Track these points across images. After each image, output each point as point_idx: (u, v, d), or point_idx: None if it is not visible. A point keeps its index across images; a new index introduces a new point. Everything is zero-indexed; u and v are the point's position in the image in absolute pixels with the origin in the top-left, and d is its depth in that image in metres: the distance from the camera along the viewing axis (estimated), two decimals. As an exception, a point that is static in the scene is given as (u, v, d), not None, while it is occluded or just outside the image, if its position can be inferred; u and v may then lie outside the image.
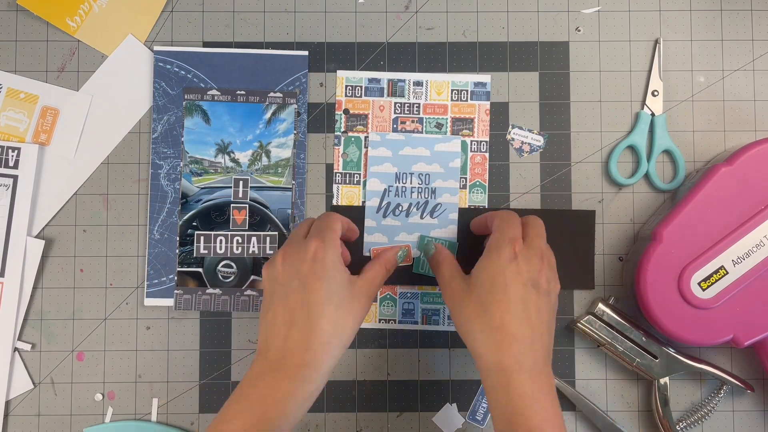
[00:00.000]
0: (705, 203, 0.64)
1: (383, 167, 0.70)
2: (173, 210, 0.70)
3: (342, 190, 0.71)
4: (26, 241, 0.70)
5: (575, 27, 0.72)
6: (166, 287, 0.70)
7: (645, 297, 0.64)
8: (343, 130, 0.71)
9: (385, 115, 0.71)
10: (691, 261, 0.64)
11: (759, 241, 0.64)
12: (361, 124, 0.71)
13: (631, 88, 0.72)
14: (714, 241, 0.64)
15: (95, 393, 0.70)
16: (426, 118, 0.71)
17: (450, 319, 0.70)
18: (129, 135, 0.71)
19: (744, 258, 0.64)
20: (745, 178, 0.64)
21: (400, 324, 0.70)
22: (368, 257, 0.70)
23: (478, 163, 0.71)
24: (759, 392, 0.70)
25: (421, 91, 0.71)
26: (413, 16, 0.72)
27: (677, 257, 0.64)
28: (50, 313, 0.70)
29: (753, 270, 0.64)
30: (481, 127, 0.71)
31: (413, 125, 0.71)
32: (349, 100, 0.71)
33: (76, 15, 0.71)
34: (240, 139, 0.71)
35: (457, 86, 0.71)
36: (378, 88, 0.71)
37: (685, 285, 0.64)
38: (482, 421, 0.69)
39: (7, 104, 0.71)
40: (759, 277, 0.64)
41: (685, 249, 0.64)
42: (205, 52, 0.71)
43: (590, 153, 0.71)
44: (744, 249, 0.64)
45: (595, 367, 0.70)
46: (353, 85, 0.71)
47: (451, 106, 0.71)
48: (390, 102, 0.71)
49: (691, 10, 0.72)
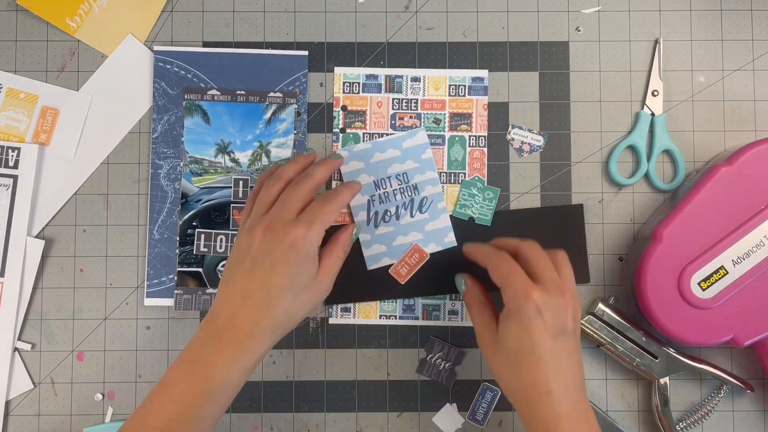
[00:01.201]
0: (705, 203, 0.64)
1: (360, 179, 0.70)
2: (173, 210, 0.70)
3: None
4: (26, 241, 0.70)
5: (575, 27, 0.72)
6: (166, 287, 0.70)
7: (645, 297, 0.64)
8: (342, 127, 0.71)
9: (383, 111, 0.71)
10: (691, 261, 0.64)
11: (759, 241, 0.64)
12: (359, 120, 0.71)
13: (631, 88, 0.71)
14: (714, 241, 0.64)
15: (95, 393, 0.70)
16: (424, 113, 0.71)
17: (450, 314, 0.70)
18: (129, 135, 0.71)
19: (744, 258, 0.64)
20: (745, 177, 0.64)
21: (401, 320, 0.70)
22: (367, 274, 0.69)
23: (476, 158, 0.71)
24: (759, 392, 0.70)
25: (418, 86, 0.71)
26: (413, 16, 0.72)
27: (677, 257, 0.64)
28: (50, 313, 0.70)
29: (753, 270, 0.64)
30: (479, 122, 0.71)
31: (411, 121, 0.71)
32: (347, 96, 0.71)
33: (76, 15, 0.71)
34: (240, 139, 0.71)
35: (455, 81, 0.71)
36: (376, 84, 0.71)
37: (685, 285, 0.64)
38: (482, 421, 0.69)
39: (7, 104, 0.71)
40: (759, 277, 0.64)
41: (685, 249, 0.64)
42: (204, 52, 0.71)
43: (590, 153, 0.71)
44: (744, 249, 0.64)
45: (595, 367, 0.70)
46: (351, 81, 0.71)
47: (449, 101, 0.71)
48: (388, 98, 0.71)
49: (691, 10, 0.72)
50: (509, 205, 0.71)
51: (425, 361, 0.70)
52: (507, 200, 0.71)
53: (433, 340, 0.70)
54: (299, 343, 0.70)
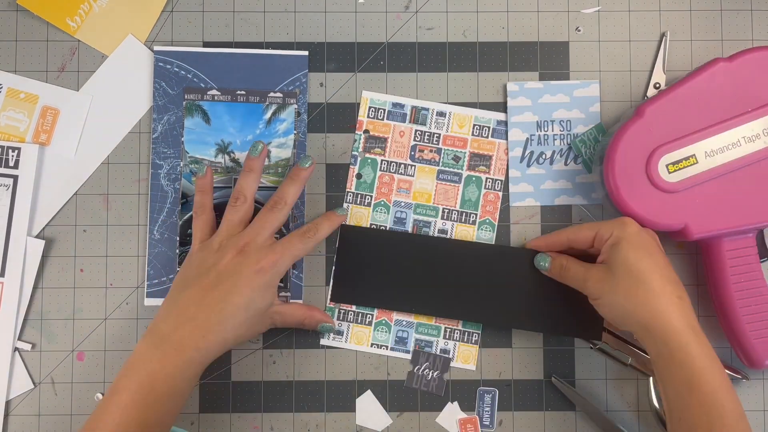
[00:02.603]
0: (694, 91, 0.65)
1: (524, 116, 0.70)
2: (173, 210, 0.70)
3: (352, 210, 0.70)
4: (26, 241, 0.70)
5: (575, 27, 0.72)
6: (166, 287, 0.70)
7: (612, 166, 0.64)
8: (361, 150, 0.71)
9: (404, 141, 0.71)
10: (665, 143, 0.64)
11: (736, 140, 0.64)
12: (380, 146, 0.71)
13: (631, 88, 0.72)
14: (693, 129, 0.64)
15: (95, 393, 0.70)
16: (445, 149, 0.70)
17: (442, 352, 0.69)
18: (129, 135, 0.71)
19: (717, 153, 0.64)
20: (739, 77, 0.64)
21: (392, 351, 0.70)
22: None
23: (490, 201, 0.70)
24: (759, 391, 0.70)
25: (443, 121, 0.71)
26: (413, 16, 0.72)
27: (653, 135, 0.64)
28: (50, 313, 0.70)
29: (722, 167, 0.64)
30: (498, 165, 0.71)
31: (431, 155, 0.71)
32: (370, 121, 0.71)
33: (76, 15, 0.71)
34: (240, 139, 0.71)
35: (480, 122, 0.71)
36: (401, 114, 0.71)
37: (654, 164, 0.64)
38: (491, 425, 0.69)
39: (7, 104, 0.71)
40: (726, 176, 0.64)
41: (664, 129, 0.64)
42: (204, 52, 0.71)
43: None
44: (720, 144, 0.64)
45: (594, 367, 0.70)
46: (377, 107, 0.71)
47: (471, 140, 0.71)
48: (411, 128, 0.71)
49: (691, 10, 0.72)
50: (509, 206, 0.71)
51: (413, 374, 0.70)
52: (507, 200, 0.71)
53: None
54: (299, 343, 0.70)
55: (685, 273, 0.70)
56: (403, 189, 0.71)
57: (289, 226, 0.70)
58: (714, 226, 0.64)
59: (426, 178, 0.71)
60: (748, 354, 0.66)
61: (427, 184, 0.71)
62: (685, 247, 0.71)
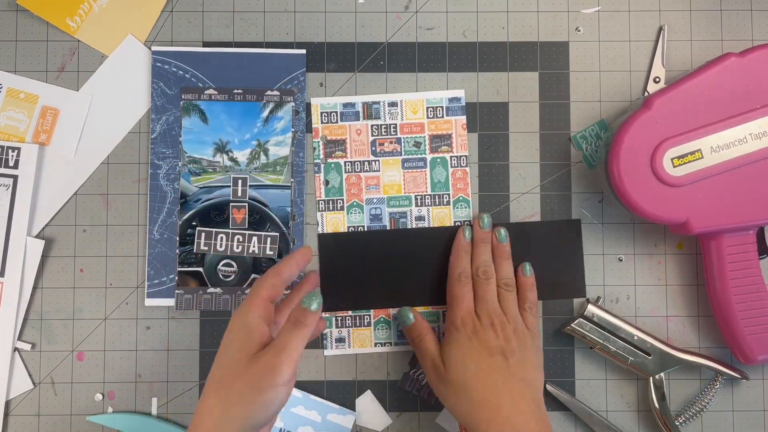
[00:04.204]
0: (704, 85, 0.64)
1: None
2: (173, 210, 0.70)
3: (326, 217, 0.70)
4: (26, 241, 0.70)
5: (575, 27, 0.72)
6: (166, 287, 0.70)
7: (617, 158, 0.64)
8: (323, 157, 0.71)
9: (362, 139, 0.71)
10: (672, 136, 0.64)
11: (743, 137, 0.64)
12: (340, 149, 0.71)
13: (631, 88, 0.71)
14: (700, 124, 0.64)
15: (95, 393, 0.70)
16: (404, 137, 0.70)
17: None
18: (129, 135, 0.71)
19: (723, 149, 0.64)
20: (751, 73, 0.64)
21: (396, 346, 0.70)
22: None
23: (459, 178, 0.71)
24: (759, 391, 0.70)
25: (396, 111, 0.71)
26: (413, 16, 0.72)
27: (660, 128, 0.64)
28: (50, 313, 0.70)
29: (727, 163, 0.64)
30: (459, 141, 0.71)
31: (392, 146, 0.70)
32: (325, 126, 0.71)
33: (76, 15, 0.71)
34: (238, 137, 0.71)
35: (432, 103, 0.71)
36: (353, 112, 0.71)
37: (659, 157, 0.64)
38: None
39: (7, 104, 0.71)
40: (730, 172, 0.64)
41: (671, 122, 0.64)
42: (201, 51, 0.71)
43: (590, 153, 0.71)
44: (726, 140, 0.64)
45: (594, 368, 0.70)
46: (328, 111, 0.71)
47: (427, 123, 0.71)
48: (366, 125, 0.71)
49: (691, 10, 0.72)
50: (508, 206, 0.71)
51: (407, 376, 0.70)
52: (507, 200, 0.71)
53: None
54: (299, 343, 0.70)
55: (685, 273, 0.70)
56: (372, 186, 0.71)
57: (288, 224, 0.70)
58: (715, 222, 0.64)
59: (392, 170, 0.71)
60: (742, 349, 0.67)
61: (395, 175, 0.71)
62: (685, 247, 0.71)
